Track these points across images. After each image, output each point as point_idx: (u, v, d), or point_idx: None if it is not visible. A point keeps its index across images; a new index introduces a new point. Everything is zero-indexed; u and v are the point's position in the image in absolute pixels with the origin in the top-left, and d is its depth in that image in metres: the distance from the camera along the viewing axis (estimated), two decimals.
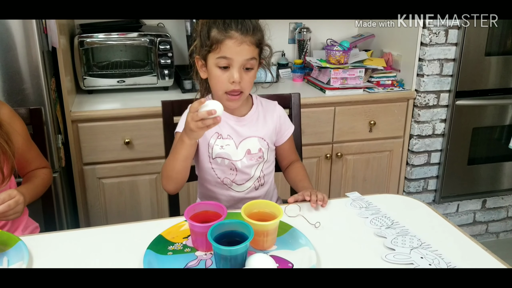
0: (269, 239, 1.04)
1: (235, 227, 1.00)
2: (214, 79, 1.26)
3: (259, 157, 1.37)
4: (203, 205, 1.10)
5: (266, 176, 1.42)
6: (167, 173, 1.25)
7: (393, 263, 0.99)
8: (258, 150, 1.37)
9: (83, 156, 1.98)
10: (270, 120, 1.40)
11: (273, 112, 1.41)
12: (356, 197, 1.29)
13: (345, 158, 2.32)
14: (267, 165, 1.41)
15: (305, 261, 0.99)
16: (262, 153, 1.38)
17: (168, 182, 1.26)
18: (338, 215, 1.21)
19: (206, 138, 1.33)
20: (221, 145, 1.33)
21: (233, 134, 1.34)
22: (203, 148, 1.34)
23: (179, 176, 1.24)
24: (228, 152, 1.34)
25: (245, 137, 1.35)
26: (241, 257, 0.94)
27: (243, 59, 1.22)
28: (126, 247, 1.06)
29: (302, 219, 1.18)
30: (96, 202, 2.07)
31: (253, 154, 1.36)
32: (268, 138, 1.39)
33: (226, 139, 1.34)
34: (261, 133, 1.37)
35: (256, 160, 1.37)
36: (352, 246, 1.08)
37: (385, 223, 1.14)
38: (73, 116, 1.92)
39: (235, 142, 1.35)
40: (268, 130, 1.39)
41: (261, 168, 1.40)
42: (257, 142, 1.37)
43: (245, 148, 1.36)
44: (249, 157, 1.36)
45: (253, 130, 1.36)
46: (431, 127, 2.37)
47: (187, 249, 1.05)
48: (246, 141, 1.36)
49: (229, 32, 1.20)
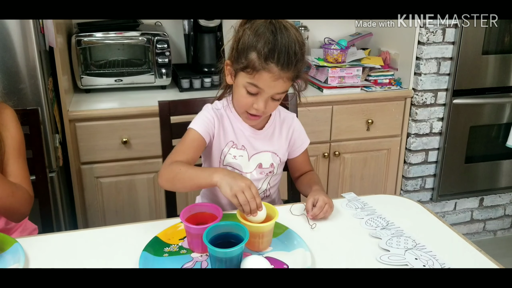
0: (265, 240, 1.04)
1: (230, 229, 1.01)
2: (239, 96, 1.21)
3: (269, 172, 1.36)
4: (199, 207, 1.10)
5: (272, 188, 1.42)
6: (172, 180, 1.17)
7: (387, 264, 1.00)
8: (270, 165, 1.36)
9: (81, 156, 1.97)
10: (285, 134, 1.36)
11: (289, 125, 1.38)
12: (352, 197, 1.30)
13: (342, 156, 2.32)
14: (275, 177, 1.41)
15: (300, 262, 0.99)
16: (273, 168, 1.37)
17: (168, 185, 1.21)
18: (334, 216, 1.21)
19: (220, 144, 1.31)
20: (234, 155, 1.31)
21: (247, 145, 1.31)
22: (215, 153, 1.32)
23: (182, 190, 1.24)
24: (240, 163, 1.32)
25: (258, 151, 1.33)
26: (237, 259, 0.95)
27: (274, 93, 1.17)
28: (122, 249, 1.06)
29: (300, 219, 1.18)
30: (94, 201, 2.07)
31: (264, 168, 1.35)
32: (281, 153, 1.37)
33: (240, 149, 1.32)
34: (275, 148, 1.34)
35: (266, 174, 1.36)
36: (347, 247, 1.09)
37: (381, 224, 1.15)
38: (70, 115, 1.91)
39: (248, 154, 1.32)
40: (282, 144, 1.36)
41: (269, 180, 1.39)
42: (270, 157, 1.35)
43: (257, 162, 1.33)
44: (259, 171, 1.35)
45: (267, 144, 1.33)
46: (429, 125, 2.37)
47: (183, 250, 1.05)
48: (259, 155, 1.33)
49: (269, 65, 1.11)
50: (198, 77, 2.20)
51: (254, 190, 1.04)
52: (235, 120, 1.31)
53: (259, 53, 1.12)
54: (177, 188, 1.22)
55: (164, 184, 1.20)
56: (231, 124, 1.31)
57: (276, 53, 1.10)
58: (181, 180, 1.14)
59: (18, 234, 1.30)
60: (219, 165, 1.33)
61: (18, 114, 1.31)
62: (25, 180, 1.25)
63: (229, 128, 1.31)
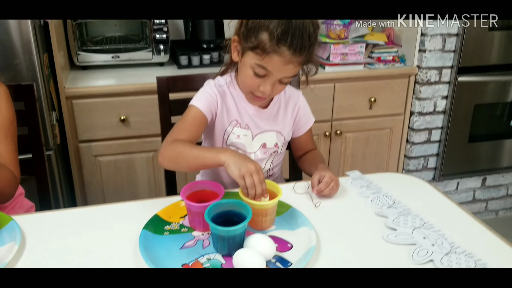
0: (268, 219, 1.01)
1: (232, 207, 0.97)
2: (245, 76, 1.16)
3: (273, 151, 1.32)
4: (200, 184, 1.07)
5: (275, 167, 1.38)
6: (175, 159, 1.11)
7: (394, 244, 0.97)
8: (274, 145, 1.32)
9: (78, 134, 1.94)
10: (291, 112, 1.32)
11: (295, 103, 1.33)
12: (357, 176, 1.26)
13: (344, 136, 2.29)
14: (278, 157, 1.37)
15: (305, 241, 0.96)
16: (277, 148, 1.33)
17: (170, 164, 1.15)
18: (338, 195, 1.18)
19: (223, 123, 1.26)
20: (238, 134, 1.26)
21: (251, 124, 1.27)
22: (218, 132, 1.27)
23: (185, 169, 1.18)
24: (243, 143, 1.28)
25: (263, 130, 1.28)
26: (239, 237, 0.91)
27: (283, 76, 1.12)
28: (122, 227, 1.03)
29: (303, 198, 1.15)
30: (92, 180, 2.05)
31: (268, 148, 1.31)
32: (286, 132, 1.33)
33: (244, 128, 1.27)
34: (280, 127, 1.30)
35: (269, 154, 1.32)
36: (352, 226, 1.05)
37: (387, 203, 1.12)
38: (67, 92, 1.87)
39: (252, 133, 1.28)
40: (287, 123, 1.32)
41: (272, 160, 1.35)
42: (274, 137, 1.31)
43: (261, 141, 1.29)
44: (263, 151, 1.31)
45: (272, 123, 1.29)
46: (433, 104, 2.33)
47: (184, 229, 1.02)
48: (263, 135, 1.29)
49: (280, 48, 1.05)
50: (197, 54, 2.14)
51: (261, 175, 1.00)
52: (239, 98, 1.26)
53: (271, 34, 1.05)
54: (180, 167, 1.16)
55: (166, 163, 1.14)
56: (234, 102, 1.26)
57: (290, 35, 1.04)
58: (185, 159, 1.09)
59: (14, 212, 1.27)
60: (222, 145, 1.28)
61: (12, 89, 1.26)
62: (11, 161, 1.18)
63: (233, 106, 1.26)
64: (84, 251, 0.95)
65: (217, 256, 0.93)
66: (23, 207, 1.32)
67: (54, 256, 0.94)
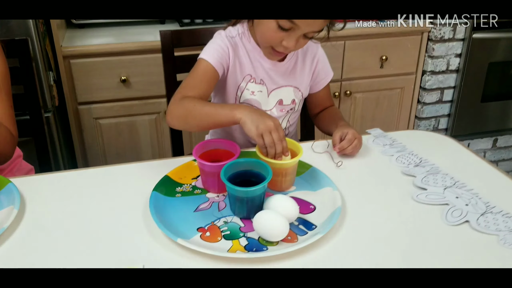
0: (288, 179, 0.93)
1: (250, 166, 0.89)
2: (266, 29, 1.04)
3: (290, 109, 1.23)
4: (214, 143, 0.99)
5: (291, 126, 1.30)
6: (185, 117, 1.01)
7: (425, 204, 0.90)
8: (291, 101, 1.22)
9: (77, 95, 1.87)
10: (309, 65, 1.22)
11: (313, 56, 1.23)
12: (378, 133, 1.18)
13: (354, 96, 2.21)
14: (295, 115, 1.28)
15: (329, 203, 0.89)
16: (295, 105, 1.24)
17: (179, 123, 1.05)
18: (361, 154, 1.10)
19: (236, 78, 1.16)
20: (252, 90, 1.17)
21: (266, 79, 1.17)
22: (230, 88, 1.18)
23: (196, 129, 1.06)
24: (258, 100, 1.19)
25: (279, 85, 1.19)
26: (259, 198, 0.84)
27: (310, 31, 1.01)
28: (128, 189, 0.96)
29: (323, 157, 1.07)
30: (93, 143, 1.98)
31: (285, 105, 1.22)
32: (304, 87, 1.23)
33: (259, 84, 1.17)
34: (297, 82, 1.21)
35: (286, 112, 1.24)
36: (378, 186, 0.98)
37: (413, 161, 1.04)
38: (64, 51, 1.78)
39: (268, 89, 1.19)
40: (305, 77, 1.22)
41: (288, 118, 1.27)
42: (291, 92, 1.21)
43: (277, 98, 1.20)
44: (279, 108, 1.22)
45: (289, 78, 1.19)
46: (446, 62, 2.24)
47: (197, 190, 0.95)
48: (280, 91, 1.20)
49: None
50: None
51: (281, 132, 0.91)
52: (253, 50, 1.16)
53: None
54: (190, 126, 1.05)
55: (175, 122, 1.04)
56: (248, 55, 1.16)
57: None
58: (197, 117, 0.99)
59: (13, 175, 1.19)
60: (235, 101, 1.19)
61: (4, 43, 1.17)
62: (8, 118, 1.11)
63: (246, 60, 1.16)
64: (87, 215, 0.88)
65: (235, 219, 0.86)
66: (21, 169, 1.24)
67: (56, 221, 0.87)
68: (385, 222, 0.86)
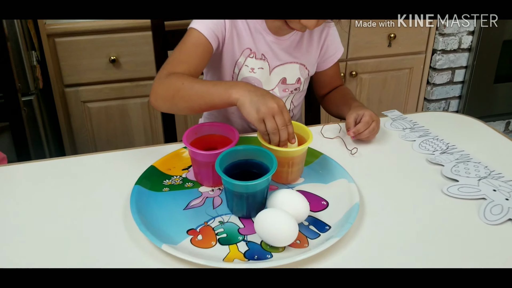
0: (295, 170, 0.80)
1: (251, 155, 0.76)
2: None
3: (294, 88, 1.10)
4: (208, 127, 0.85)
5: (296, 108, 1.16)
6: (172, 98, 0.87)
7: (458, 198, 0.77)
8: (296, 80, 1.09)
9: (64, 77, 1.76)
10: (317, 40, 1.09)
11: (322, 29, 1.09)
12: (397, 116, 1.05)
13: (360, 77, 2.09)
14: (299, 95, 1.14)
15: (344, 198, 0.75)
16: (300, 84, 1.10)
17: (165, 105, 0.90)
18: (378, 139, 0.96)
19: (234, 53, 1.02)
20: (252, 67, 1.03)
21: (269, 54, 1.03)
22: (227, 65, 1.04)
23: (185, 111, 0.90)
24: (258, 78, 1.05)
25: (283, 62, 1.05)
26: (261, 194, 0.71)
27: None
28: (107, 182, 0.82)
29: (334, 143, 0.94)
30: (82, 128, 1.88)
31: (289, 84, 1.08)
32: (310, 65, 1.10)
33: (259, 60, 1.03)
34: (303, 58, 1.07)
35: (290, 92, 1.10)
36: (401, 177, 0.85)
37: (439, 147, 0.91)
38: (48, 29, 1.67)
39: (270, 65, 1.05)
40: (313, 53, 1.09)
41: (292, 99, 1.13)
42: (297, 70, 1.07)
43: (280, 76, 1.06)
44: (282, 87, 1.08)
45: (294, 53, 1.06)
46: (457, 40, 2.12)
47: (188, 183, 0.81)
48: (284, 68, 1.06)
49: None
50: None
51: (286, 115, 0.77)
52: (253, 20, 1.02)
53: None
54: (178, 108, 0.89)
55: (160, 103, 0.90)
56: (247, 26, 1.01)
57: None
58: (185, 97, 0.85)
59: None
60: (231, 79, 1.05)
61: None
62: None
63: (245, 31, 1.01)
64: (57, 213, 0.75)
65: (232, 218, 0.73)
66: None
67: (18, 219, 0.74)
68: (412, 220, 0.73)
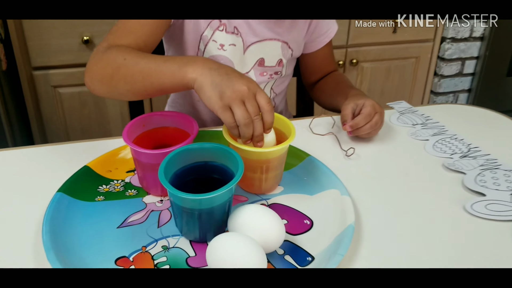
0: (270, 176, 0.61)
1: (211, 156, 0.57)
2: None
3: (275, 72, 0.92)
4: (159, 118, 0.65)
5: (278, 97, 0.98)
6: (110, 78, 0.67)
7: (485, 218, 0.58)
8: (277, 62, 0.90)
9: (31, 58, 1.63)
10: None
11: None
12: (405, 108, 0.86)
13: (361, 66, 1.95)
14: (281, 80, 0.96)
15: (335, 215, 0.57)
16: (281, 67, 0.92)
17: (102, 87, 0.69)
18: (381, 137, 0.78)
19: (198, 25, 0.84)
20: (222, 42, 0.85)
21: (243, 28, 0.85)
22: (189, 39, 0.85)
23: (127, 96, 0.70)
24: (229, 57, 0.86)
25: (260, 38, 0.87)
26: (220, 210, 0.52)
27: None
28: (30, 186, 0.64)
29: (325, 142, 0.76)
30: (53, 116, 1.73)
31: (267, 67, 0.90)
32: (295, 44, 0.91)
33: (230, 34, 0.84)
34: (287, 36, 0.89)
35: (269, 76, 0.92)
36: (410, 188, 0.66)
37: (458, 149, 0.72)
38: None
39: (244, 42, 0.86)
40: (299, 29, 0.91)
41: (272, 85, 0.95)
42: (278, 49, 0.89)
43: (257, 56, 0.88)
44: (260, 70, 0.90)
45: (275, 29, 0.87)
46: (469, 27, 1.97)
47: (130, 191, 0.63)
48: (261, 46, 0.87)
49: None
50: None
51: (263, 99, 0.58)
52: None
53: None
54: (119, 92, 0.68)
55: (97, 85, 0.70)
56: None
57: None
58: (128, 77, 0.65)
59: None
60: None
61: None
62: None
63: None
64: None
65: (182, 241, 0.54)
66: None
67: None
68: (424, 250, 0.54)
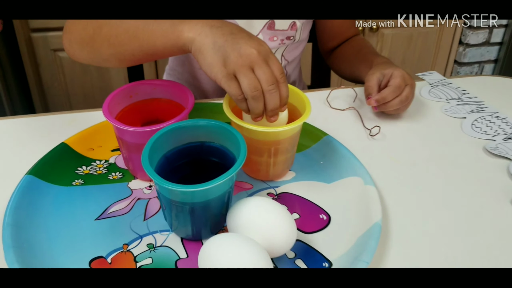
0: (280, 160, 0.51)
1: (208, 135, 0.47)
2: None
3: (287, 37, 0.82)
4: (149, 88, 0.55)
5: (290, 64, 0.88)
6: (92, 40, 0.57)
7: None
8: (290, 25, 0.80)
9: (29, 20, 1.56)
10: None
11: None
12: (438, 80, 0.75)
13: (381, 32, 1.85)
14: (294, 46, 0.86)
15: (358, 211, 0.47)
16: (294, 32, 0.82)
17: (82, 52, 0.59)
18: (410, 113, 0.67)
19: None
20: None
21: None
22: None
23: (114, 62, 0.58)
24: (236, 21, 0.76)
25: None
26: (218, 204, 0.42)
27: None
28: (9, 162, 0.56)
29: (345, 118, 0.65)
30: (53, 82, 1.66)
31: (278, 30, 0.80)
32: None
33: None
34: None
35: (280, 41, 0.82)
36: (445, 175, 0.56)
37: (502, 130, 0.62)
38: None
39: None
40: None
41: (283, 51, 0.85)
42: None
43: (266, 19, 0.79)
44: (269, 35, 0.79)
45: None
46: None
47: (114, 173, 0.53)
48: None
49: None
50: None
51: (276, 66, 0.48)
52: None
53: None
54: (102, 56, 0.58)
55: (76, 49, 0.60)
56: None
57: None
58: (111, 38, 0.55)
59: None
60: None
61: None
62: None
63: None
64: None
65: (171, 239, 0.45)
66: None
67: None
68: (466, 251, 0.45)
